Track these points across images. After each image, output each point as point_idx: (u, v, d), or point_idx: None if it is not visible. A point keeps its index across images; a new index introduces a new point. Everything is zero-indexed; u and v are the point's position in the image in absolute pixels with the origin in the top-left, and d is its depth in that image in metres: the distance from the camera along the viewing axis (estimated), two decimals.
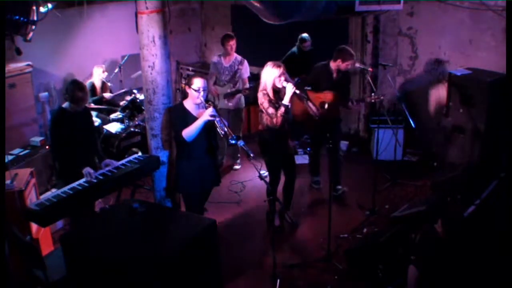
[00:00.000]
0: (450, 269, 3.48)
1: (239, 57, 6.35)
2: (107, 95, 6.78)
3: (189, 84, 4.26)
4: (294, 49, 7.22)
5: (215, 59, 6.41)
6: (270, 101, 4.69)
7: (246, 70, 6.35)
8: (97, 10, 7.28)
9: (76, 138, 4.37)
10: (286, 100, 4.62)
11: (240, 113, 6.46)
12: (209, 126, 4.24)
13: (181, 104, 4.38)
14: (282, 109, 4.64)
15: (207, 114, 4.12)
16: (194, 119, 4.23)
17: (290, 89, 4.55)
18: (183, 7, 8.76)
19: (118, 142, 6.31)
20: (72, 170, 4.29)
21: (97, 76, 6.79)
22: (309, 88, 5.47)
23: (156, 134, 4.86)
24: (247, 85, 6.33)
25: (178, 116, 4.31)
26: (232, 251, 4.75)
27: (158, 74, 4.77)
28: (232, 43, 6.21)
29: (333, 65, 5.41)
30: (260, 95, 4.74)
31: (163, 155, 4.86)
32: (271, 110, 4.67)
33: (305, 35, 7.09)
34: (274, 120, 4.69)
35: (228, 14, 8.80)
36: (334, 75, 5.45)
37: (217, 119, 4.14)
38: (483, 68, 5.83)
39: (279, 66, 4.65)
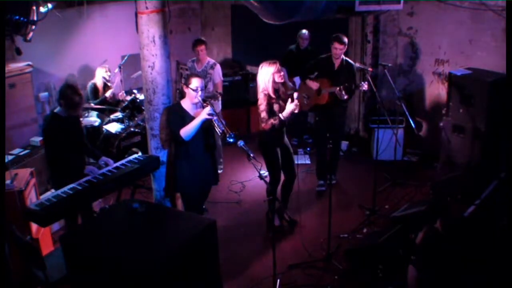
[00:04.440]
0: (450, 269, 3.48)
1: (211, 61, 6.22)
2: (108, 94, 6.77)
3: (187, 83, 4.27)
4: (292, 46, 7.20)
5: (189, 63, 6.33)
6: (268, 103, 4.70)
7: (218, 74, 6.18)
8: (97, 10, 7.28)
9: (70, 143, 4.32)
10: (285, 114, 4.66)
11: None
12: (206, 125, 4.26)
13: (179, 104, 4.40)
14: (277, 121, 4.67)
15: (204, 113, 4.14)
16: (192, 118, 4.25)
17: (291, 107, 4.61)
18: (183, 7, 8.76)
19: (118, 142, 6.31)
20: (67, 175, 4.25)
21: (100, 77, 6.78)
22: (313, 76, 5.64)
23: (156, 134, 4.87)
24: (220, 90, 6.17)
25: (176, 115, 4.31)
26: (232, 251, 4.75)
27: (158, 74, 4.77)
28: (200, 49, 6.07)
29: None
30: (260, 95, 4.75)
31: (163, 155, 4.86)
32: (263, 114, 4.70)
33: (303, 31, 7.02)
34: (263, 125, 4.72)
35: (228, 14, 8.80)
36: (336, 66, 5.59)
37: (215, 117, 4.17)
38: (483, 68, 5.83)
39: (274, 63, 4.70)
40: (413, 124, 5.55)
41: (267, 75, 4.68)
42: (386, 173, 6.13)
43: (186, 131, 4.19)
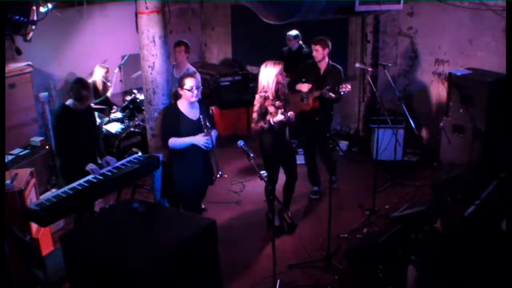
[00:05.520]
0: (450, 270, 3.49)
1: (191, 69, 5.77)
2: (109, 93, 6.77)
3: (181, 85, 4.25)
4: (285, 48, 7.16)
5: (170, 68, 5.91)
6: (262, 106, 4.71)
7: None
8: (97, 10, 7.28)
9: (78, 136, 4.39)
10: (275, 120, 4.67)
11: None
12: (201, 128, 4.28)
13: (175, 105, 4.39)
14: (267, 125, 4.69)
15: (201, 142, 4.22)
16: (187, 119, 4.25)
17: (280, 117, 4.63)
18: (183, 7, 8.76)
19: (118, 142, 6.30)
20: (74, 168, 4.30)
21: (99, 76, 6.78)
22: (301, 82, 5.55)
23: (156, 134, 4.86)
24: None
25: (171, 116, 4.31)
26: (232, 251, 4.75)
27: (158, 74, 4.78)
28: (178, 50, 5.72)
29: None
30: (257, 97, 4.76)
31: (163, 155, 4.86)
32: (255, 115, 4.73)
33: (288, 32, 6.84)
34: (252, 125, 4.76)
35: (228, 14, 8.80)
36: (322, 70, 5.52)
37: (210, 148, 4.26)
38: (483, 68, 5.83)
39: (279, 63, 4.71)
40: (413, 124, 5.55)
41: (271, 76, 4.68)
42: (386, 173, 6.13)
43: (174, 143, 4.24)
